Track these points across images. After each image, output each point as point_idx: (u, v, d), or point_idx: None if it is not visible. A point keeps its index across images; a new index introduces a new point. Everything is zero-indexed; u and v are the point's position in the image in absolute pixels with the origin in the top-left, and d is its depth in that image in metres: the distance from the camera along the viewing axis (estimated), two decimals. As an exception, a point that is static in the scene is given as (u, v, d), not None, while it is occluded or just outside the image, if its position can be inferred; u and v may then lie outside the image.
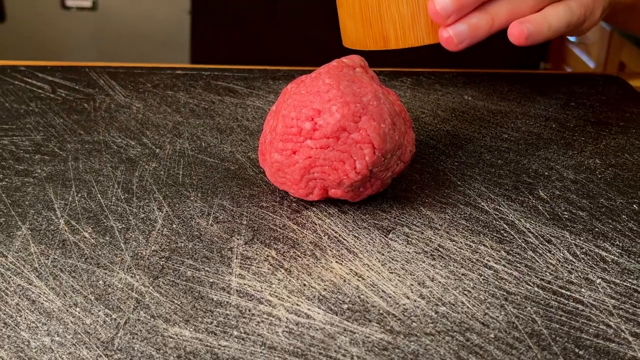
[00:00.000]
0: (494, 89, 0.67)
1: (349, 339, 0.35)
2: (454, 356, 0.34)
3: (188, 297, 0.37)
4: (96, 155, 0.51)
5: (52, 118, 0.57)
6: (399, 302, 0.37)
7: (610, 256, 0.42)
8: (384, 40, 0.47)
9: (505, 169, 0.52)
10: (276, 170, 0.44)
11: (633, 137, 0.58)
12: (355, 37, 0.48)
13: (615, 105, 0.65)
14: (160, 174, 0.49)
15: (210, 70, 0.68)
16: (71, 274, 0.39)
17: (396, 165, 0.45)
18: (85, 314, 0.36)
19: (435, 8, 0.44)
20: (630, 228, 0.45)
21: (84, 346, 0.34)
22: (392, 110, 0.44)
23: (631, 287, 0.39)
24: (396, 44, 0.46)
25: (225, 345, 0.34)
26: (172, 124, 0.57)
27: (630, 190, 0.49)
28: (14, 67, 0.67)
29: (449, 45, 0.45)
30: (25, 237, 0.41)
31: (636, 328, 0.36)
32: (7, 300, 0.36)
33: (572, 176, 0.51)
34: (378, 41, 0.47)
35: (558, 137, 0.58)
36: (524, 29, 0.45)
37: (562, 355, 0.34)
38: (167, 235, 0.42)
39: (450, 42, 0.45)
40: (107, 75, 0.66)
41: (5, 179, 0.47)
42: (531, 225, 0.45)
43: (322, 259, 0.41)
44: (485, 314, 0.37)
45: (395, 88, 0.66)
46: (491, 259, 0.41)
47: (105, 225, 0.43)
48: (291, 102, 0.43)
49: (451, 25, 0.45)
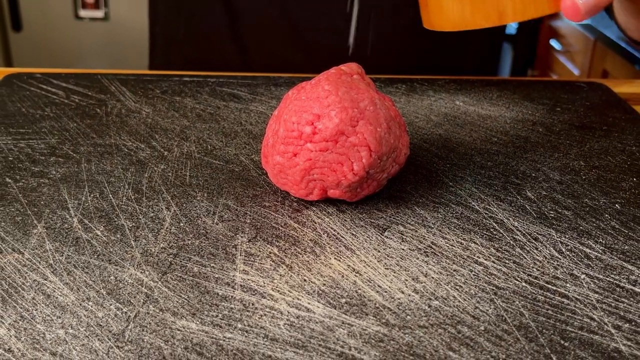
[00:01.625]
0: (484, 95, 0.67)
1: (347, 332, 0.35)
2: (446, 347, 0.34)
3: (195, 292, 0.37)
4: (108, 158, 0.51)
5: (66, 122, 0.57)
6: (394, 297, 0.37)
7: (593, 253, 0.42)
8: (498, 15, 0.41)
9: (495, 171, 0.52)
10: (278, 172, 0.44)
11: (615, 141, 0.58)
12: (460, 17, 0.43)
13: (598, 110, 0.65)
14: (169, 175, 0.49)
15: (216, 77, 0.68)
16: (84, 269, 0.39)
17: (391, 167, 0.45)
18: (97, 308, 0.36)
19: None
20: (613, 226, 0.45)
21: (96, 338, 0.34)
22: (387, 115, 0.44)
23: (613, 283, 0.39)
24: (514, 17, 0.41)
25: (229, 337, 0.34)
26: (180, 128, 0.57)
27: (613, 190, 0.50)
28: (30, 74, 0.67)
29: (573, 14, 0.40)
30: (41, 235, 0.41)
31: (618, 321, 0.36)
32: (24, 295, 0.36)
33: (558, 177, 0.51)
34: (491, 17, 0.42)
35: (544, 141, 0.58)
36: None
37: (549, 346, 0.34)
38: (175, 233, 0.42)
39: (576, 10, 0.40)
40: (118, 82, 0.66)
41: (21, 180, 0.47)
42: (519, 224, 0.45)
43: (321, 256, 0.41)
44: (476, 307, 0.37)
45: (390, 94, 0.66)
46: (481, 255, 0.41)
47: (116, 223, 0.43)
48: (292, 108, 0.43)
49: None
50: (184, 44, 0.79)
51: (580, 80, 0.72)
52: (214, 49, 0.78)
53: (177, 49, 0.81)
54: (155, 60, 0.84)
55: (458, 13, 0.43)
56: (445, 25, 0.44)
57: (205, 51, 0.79)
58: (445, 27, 0.45)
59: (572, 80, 0.72)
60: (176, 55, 0.81)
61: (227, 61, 0.77)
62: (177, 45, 0.80)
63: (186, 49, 0.80)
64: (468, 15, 0.43)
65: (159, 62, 0.83)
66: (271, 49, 0.77)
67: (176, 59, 0.81)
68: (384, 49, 0.77)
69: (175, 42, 0.80)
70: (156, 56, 0.84)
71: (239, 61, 0.77)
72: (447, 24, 0.44)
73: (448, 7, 0.43)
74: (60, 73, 0.67)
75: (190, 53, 0.79)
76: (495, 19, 0.42)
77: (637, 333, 0.35)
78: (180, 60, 0.80)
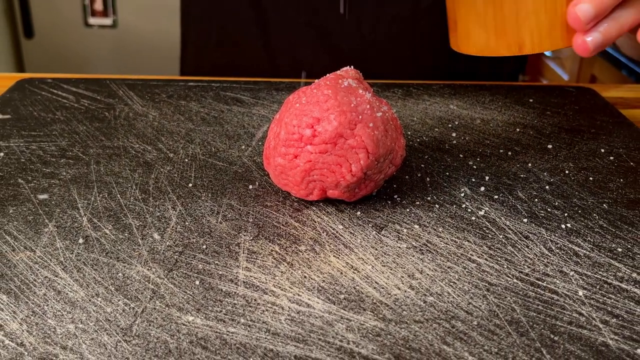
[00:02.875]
0: (477, 99, 0.67)
1: (346, 326, 0.35)
2: (440, 342, 0.34)
3: (199, 288, 0.37)
4: (116, 159, 0.51)
5: (76, 125, 0.57)
6: (391, 293, 0.37)
7: (582, 251, 0.42)
8: (518, 46, 0.44)
9: (487, 172, 0.52)
10: (279, 173, 0.44)
11: (603, 143, 0.58)
12: (485, 45, 0.45)
13: (587, 114, 0.65)
14: (174, 176, 0.49)
15: (220, 82, 0.68)
16: (93, 267, 0.39)
17: (388, 168, 0.45)
18: (106, 303, 0.36)
19: (577, 14, 0.42)
20: (601, 225, 0.45)
21: (105, 332, 0.34)
22: (384, 118, 0.44)
23: (601, 279, 0.39)
24: (532, 49, 0.44)
25: (233, 332, 0.34)
26: (185, 130, 0.57)
27: (601, 191, 0.50)
28: (42, 79, 0.67)
29: (583, 51, 0.43)
30: (52, 234, 0.41)
31: (606, 316, 0.36)
32: (35, 291, 0.36)
33: (548, 178, 0.51)
34: (512, 48, 0.44)
35: (535, 143, 0.58)
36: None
37: (539, 340, 0.34)
38: (181, 232, 0.42)
39: (585, 49, 0.43)
40: (126, 87, 0.66)
41: (33, 181, 0.47)
42: (511, 223, 0.45)
43: (321, 254, 0.41)
44: (469, 303, 0.37)
45: (387, 98, 0.66)
46: (474, 253, 0.41)
47: (124, 222, 0.43)
48: (293, 111, 0.43)
49: (586, 33, 0.43)
50: (215, 49, 0.80)
51: (569, 85, 0.72)
52: (243, 55, 0.79)
53: (208, 54, 0.81)
54: (186, 64, 0.85)
55: (483, 41, 0.45)
56: (470, 50, 0.46)
57: (235, 57, 0.79)
58: (471, 51, 0.47)
59: (562, 85, 0.72)
60: (207, 61, 0.82)
61: (255, 66, 0.78)
62: (208, 51, 0.81)
63: (217, 55, 0.81)
64: (492, 44, 0.45)
65: (190, 66, 0.84)
66: (298, 55, 0.77)
67: (206, 64, 0.81)
68: (383, 54, 0.77)
69: (207, 48, 0.81)
70: (187, 61, 0.85)
71: (267, 66, 0.78)
72: (472, 49, 0.46)
73: (475, 34, 0.45)
74: (70, 78, 0.67)
75: (220, 58, 0.80)
76: (515, 49, 0.44)
77: (624, 327, 0.35)
78: (210, 65, 0.81)
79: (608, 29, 0.43)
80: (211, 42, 0.80)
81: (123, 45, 2.21)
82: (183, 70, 0.85)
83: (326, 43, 0.76)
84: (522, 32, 0.44)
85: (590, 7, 0.42)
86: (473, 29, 0.45)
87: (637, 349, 0.34)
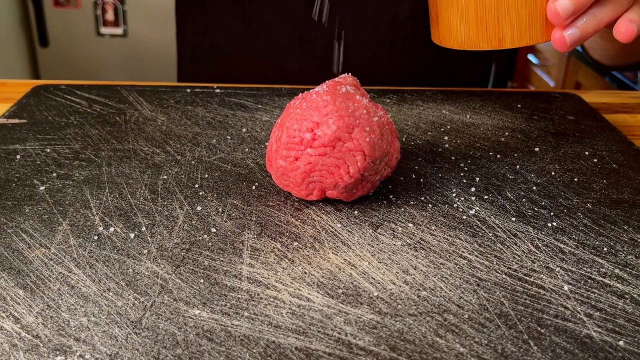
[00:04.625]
0: (468, 105, 0.67)
1: (344, 319, 0.35)
2: (433, 334, 0.34)
3: (205, 283, 0.37)
4: (126, 162, 0.51)
5: (88, 129, 0.57)
6: (387, 288, 0.37)
7: (567, 248, 0.42)
8: (499, 41, 0.43)
9: (478, 173, 0.52)
10: (281, 174, 0.44)
11: (587, 146, 0.58)
12: (466, 38, 0.44)
13: (571, 118, 0.65)
14: (182, 177, 0.49)
15: (224, 88, 0.68)
16: (105, 263, 0.39)
17: (384, 169, 0.45)
18: (117, 298, 0.36)
19: (557, 10, 0.42)
20: (585, 224, 0.45)
21: (116, 325, 0.34)
22: (380, 122, 0.44)
23: (585, 275, 0.39)
24: (512, 43, 0.43)
25: (237, 325, 0.34)
26: (192, 134, 0.57)
27: (585, 191, 0.50)
28: (56, 85, 0.67)
29: (561, 46, 0.43)
30: (66, 232, 0.41)
31: (590, 309, 0.36)
32: (50, 286, 0.36)
33: (535, 179, 0.51)
34: (492, 42, 0.43)
35: (523, 146, 0.58)
36: (633, 27, 0.43)
37: (527, 333, 0.34)
38: (187, 230, 0.42)
39: (563, 43, 0.43)
40: (136, 93, 0.66)
41: (48, 182, 0.47)
42: (500, 222, 0.45)
43: (320, 251, 0.41)
44: (460, 297, 0.37)
45: (383, 104, 0.66)
46: (465, 250, 0.41)
47: (134, 221, 0.43)
48: (294, 116, 0.43)
49: (565, 28, 0.42)
50: (209, 61, 0.81)
51: (555, 91, 0.72)
52: (235, 65, 0.80)
53: (202, 65, 0.82)
54: (183, 75, 0.86)
55: (464, 34, 0.44)
56: (451, 44, 0.45)
57: (227, 67, 0.80)
58: (451, 45, 0.46)
59: (548, 91, 0.72)
60: (202, 71, 0.82)
61: (245, 76, 0.78)
62: (202, 63, 0.82)
63: (210, 66, 0.81)
64: (473, 37, 0.44)
65: (186, 77, 0.85)
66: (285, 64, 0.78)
67: (202, 74, 0.82)
68: (379, 63, 0.77)
69: (201, 60, 0.82)
70: (184, 72, 0.86)
71: (258, 75, 0.79)
72: (453, 42, 0.45)
73: (456, 27, 0.44)
74: (83, 84, 0.67)
75: (214, 69, 0.81)
76: (495, 43, 0.43)
77: (607, 320, 0.35)
78: (205, 75, 0.81)
79: (585, 25, 0.43)
80: (204, 55, 0.82)
81: (133, 54, 2.21)
82: (180, 80, 0.86)
83: (310, 53, 0.76)
84: (503, 26, 0.43)
85: (569, 3, 0.41)
86: (454, 23, 0.44)
87: (620, 341, 0.34)
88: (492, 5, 0.43)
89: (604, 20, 0.43)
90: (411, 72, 0.78)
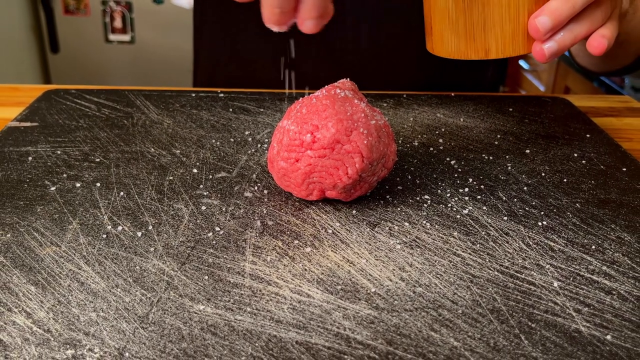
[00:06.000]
0: (461, 108, 0.67)
1: (342, 314, 0.35)
2: (428, 328, 0.34)
3: (209, 280, 0.37)
4: (134, 163, 0.51)
5: (97, 132, 0.57)
6: (383, 284, 0.37)
7: (557, 246, 0.42)
8: (485, 51, 0.46)
9: (471, 174, 0.52)
10: (282, 175, 0.44)
11: (576, 148, 0.58)
12: (456, 48, 0.47)
13: (561, 121, 0.65)
14: (187, 178, 0.49)
15: (228, 93, 0.68)
16: (113, 260, 0.39)
17: (381, 171, 0.45)
18: (124, 294, 0.36)
19: (537, 25, 0.44)
20: (574, 223, 0.45)
21: (123, 320, 0.34)
22: (377, 125, 0.44)
23: (574, 272, 0.39)
24: (497, 54, 0.46)
25: (240, 319, 0.34)
26: (197, 137, 0.57)
27: (574, 191, 0.50)
28: (66, 90, 0.67)
29: (540, 57, 0.45)
30: (76, 230, 0.41)
31: (579, 305, 0.36)
32: (61, 282, 0.36)
33: (526, 180, 0.51)
34: (479, 52, 0.46)
35: (514, 148, 0.58)
36: (604, 42, 0.45)
37: (518, 327, 0.34)
38: (192, 229, 0.42)
39: (542, 55, 0.45)
40: (143, 97, 0.66)
41: (59, 183, 0.47)
42: (492, 221, 0.45)
43: (320, 248, 0.41)
44: (454, 293, 0.37)
45: (380, 107, 0.66)
46: (459, 248, 0.41)
47: (141, 220, 0.43)
48: (295, 119, 0.43)
49: (544, 42, 0.45)
50: (226, 65, 0.80)
51: (545, 96, 0.72)
52: (254, 69, 0.79)
53: (220, 69, 0.81)
54: (199, 79, 0.85)
55: (455, 45, 0.47)
56: (443, 53, 0.48)
57: (244, 71, 0.79)
58: (443, 54, 0.48)
59: (538, 96, 0.72)
60: (218, 75, 0.82)
61: (264, 80, 0.78)
62: (220, 67, 0.81)
63: (227, 70, 0.81)
64: (462, 49, 0.46)
65: (203, 80, 0.84)
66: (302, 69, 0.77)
67: (218, 78, 0.81)
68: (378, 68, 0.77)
69: (219, 64, 0.81)
70: (200, 76, 0.84)
71: (274, 80, 0.78)
72: (444, 52, 0.48)
73: (447, 39, 0.47)
74: (92, 89, 0.67)
75: (231, 73, 0.80)
76: (482, 54, 0.46)
77: (595, 315, 0.35)
78: (221, 79, 0.81)
79: (563, 39, 0.45)
80: (222, 58, 0.80)
81: (140, 59, 2.21)
82: (196, 84, 0.85)
83: (328, 58, 0.76)
84: (489, 39, 0.45)
85: (548, 20, 0.43)
86: (446, 35, 0.47)
87: (607, 335, 0.34)
88: (480, 21, 0.45)
89: (580, 34, 0.45)
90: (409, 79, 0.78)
